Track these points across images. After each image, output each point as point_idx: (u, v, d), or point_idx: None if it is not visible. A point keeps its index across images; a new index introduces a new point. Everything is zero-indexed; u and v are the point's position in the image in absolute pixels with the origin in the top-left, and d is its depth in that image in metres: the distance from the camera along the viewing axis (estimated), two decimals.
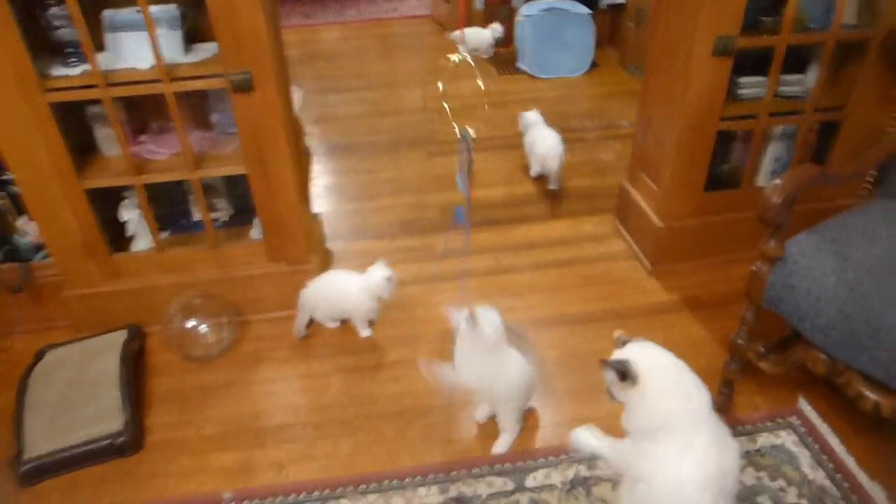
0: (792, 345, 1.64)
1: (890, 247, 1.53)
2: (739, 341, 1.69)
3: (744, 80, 2.21)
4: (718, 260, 2.41)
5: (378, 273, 2.10)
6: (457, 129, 1.65)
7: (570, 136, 3.21)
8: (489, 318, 1.62)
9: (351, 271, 2.18)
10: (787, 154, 2.34)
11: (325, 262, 2.48)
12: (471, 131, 1.64)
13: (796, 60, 2.22)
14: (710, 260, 2.42)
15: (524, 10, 4.47)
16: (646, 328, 2.17)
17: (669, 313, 2.24)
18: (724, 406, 1.82)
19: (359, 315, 2.17)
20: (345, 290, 2.14)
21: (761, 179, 2.40)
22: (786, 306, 1.54)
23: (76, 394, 1.92)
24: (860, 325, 1.39)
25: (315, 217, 2.49)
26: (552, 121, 3.15)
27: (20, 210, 2.18)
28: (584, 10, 4.40)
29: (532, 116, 3.15)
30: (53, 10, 1.74)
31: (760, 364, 1.67)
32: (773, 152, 2.34)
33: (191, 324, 2.11)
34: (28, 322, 2.25)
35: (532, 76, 4.47)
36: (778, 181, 1.51)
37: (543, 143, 2.97)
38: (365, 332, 2.19)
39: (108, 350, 2.06)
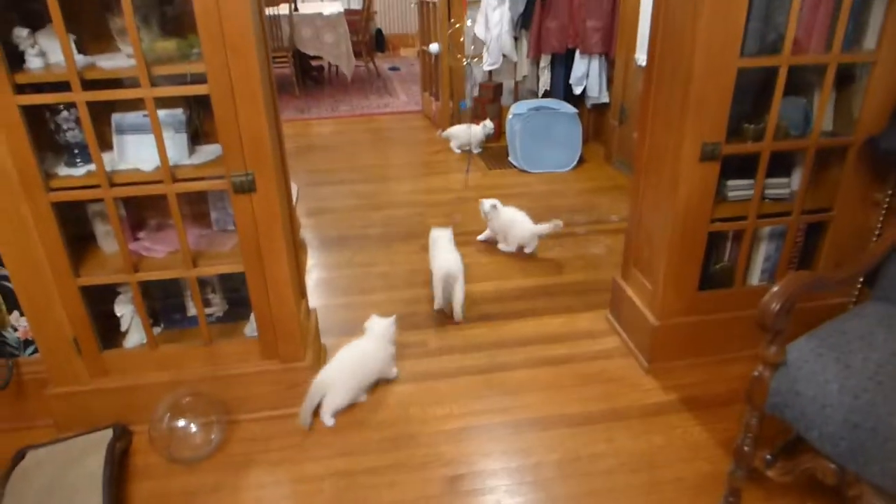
0: (799, 450, 1.61)
1: (889, 352, 1.54)
2: (745, 448, 1.66)
3: (732, 182, 2.28)
4: (715, 358, 2.40)
5: (380, 322, 2.38)
6: (465, 61, 2.20)
7: (562, 231, 3.27)
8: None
9: (354, 343, 2.34)
10: (776, 254, 2.39)
11: (319, 358, 2.44)
12: (474, 61, 2.23)
13: (781, 164, 2.30)
14: (707, 358, 2.41)
15: (514, 109, 4.65)
16: (647, 430, 2.13)
17: (669, 414, 2.20)
18: None
19: (385, 368, 2.38)
20: (365, 355, 2.32)
21: (754, 278, 2.43)
22: (791, 413, 1.52)
23: (56, 499, 1.83)
24: (868, 435, 1.38)
25: (310, 312, 2.47)
26: (543, 214, 3.23)
27: (12, 305, 2.14)
28: (571, 109, 4.59)
29: (493, 203, 3.34)
30: (63, 114, 1.78)
31: (768, 473, 1.63)
32: (763, 252, 2.38)
33: (179, 424, 2.05)
34: (9, 420, 2.18)
35: (522, 171, 4.59)
36: (775, 288, 1.52)
37: (520, 225, 3.26)
38: (394, 373, 2.42)
39: (91, 451, 1.98)
